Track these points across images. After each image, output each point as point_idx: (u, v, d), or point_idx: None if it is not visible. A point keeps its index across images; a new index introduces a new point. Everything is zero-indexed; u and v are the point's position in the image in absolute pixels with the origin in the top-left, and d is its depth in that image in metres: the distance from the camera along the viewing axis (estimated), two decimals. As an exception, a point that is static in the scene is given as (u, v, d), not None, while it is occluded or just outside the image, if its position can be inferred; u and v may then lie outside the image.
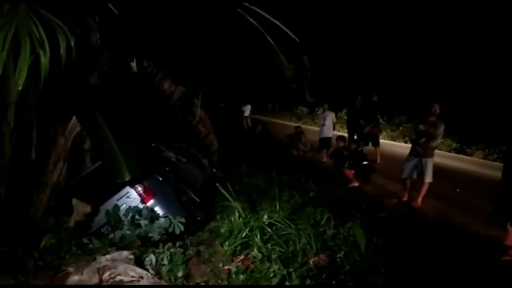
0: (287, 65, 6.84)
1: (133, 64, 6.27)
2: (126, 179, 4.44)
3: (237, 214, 3.75)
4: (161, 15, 6.92)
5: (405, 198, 7.56)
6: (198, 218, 6.52)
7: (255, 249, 3.27)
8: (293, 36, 6.58)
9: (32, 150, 6.20)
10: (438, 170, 8.05)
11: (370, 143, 11.62)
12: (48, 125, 6.28)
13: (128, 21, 5.84)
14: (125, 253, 3.00)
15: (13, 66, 4.38)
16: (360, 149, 9.85)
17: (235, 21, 6.96)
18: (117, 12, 3.84)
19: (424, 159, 7.13)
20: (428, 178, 7.14)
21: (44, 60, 3.04)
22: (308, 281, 2.87)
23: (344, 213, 5.45)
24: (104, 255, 3.20)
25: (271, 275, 2.91)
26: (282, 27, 6.58)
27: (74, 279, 2.72)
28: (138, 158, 4.44)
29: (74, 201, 4.84)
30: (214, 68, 9.79)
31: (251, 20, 6.58)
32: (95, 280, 2.63)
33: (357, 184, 8.86)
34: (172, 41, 8.05)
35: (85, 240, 4.15)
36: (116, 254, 2.96)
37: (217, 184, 5.31)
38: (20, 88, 3.16)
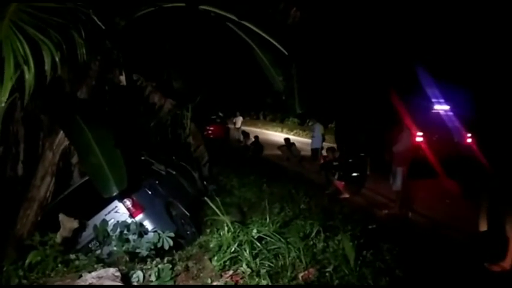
0: (277, 78, 6.88)
1: (122, 77, 6.25)
2: (114, 194, 4.38)
3: (226, 228, 3.72)
4: (151, 28, 6.96)
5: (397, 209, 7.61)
6: (188, 232, 6.47)
7: (244, 265, 3.24)
8: (282, 49, 6.65)
9: (18, 165, 6.14)
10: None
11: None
12: (36, 139, 6.22)
13: (117, 34, 5.86)
14: (111, 270, 2.95)
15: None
16: (349, 160, 9.90)
17: (225, 34, 7.03)
18: (103, 27, 3.83)
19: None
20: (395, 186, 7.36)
21: (29, 76, 3.02)
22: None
23: (334, 226, 5.45)
24: (90, 272, 3.13)
25: (260, 290, 2.89)
26: (271, 40, 6.65)
27: (58, 298, 2.66)
28: (126, 172, 4.39)
29: (61, 216, 4.76)
30: (205, 80, 9.84)
31: (241, 33, 6.65)
32: (79, 299, 2.59)
33: (347, 195, 8.89)
34: (162, 54, 8.09)
35: (72, 256, 4.07)
36: (101, 271, 2.90)
37: (205, 198, 5.25)
38: (2, 105, 3.11)
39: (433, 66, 12.28)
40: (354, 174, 9.18)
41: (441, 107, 12.55)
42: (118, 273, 2.93)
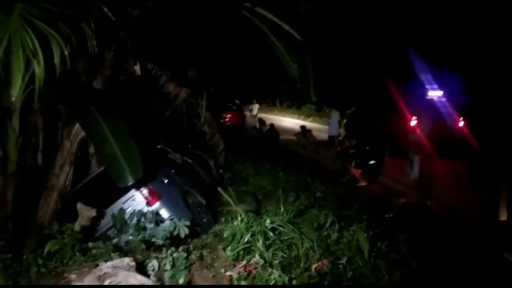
0: (292, 65, 6.80)
1: (137, 67, 6.27)
2: (129, 183, 4.45)
3: (239, 218, 3.72)
4: (165, 17, 6.93)
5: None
6: (204, 220, 6.53)
7: (257, 255, 3.24)
8: (296, 35, 6.54)
9: (38, 154, 6.28)
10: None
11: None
12: (54, 129, 6.34)
13: (130, 24, 5.85)
14: (127, 260, 2.99)
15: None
16: (366, 148, 9.74)
17: (239, 22, 6.95)
18: (113, 18, 3.81)
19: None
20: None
21: (38, 70, 3.04)
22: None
23: (350, 215, 5.40)
24: (106, 261, 3.19)
25: (272, 282, 2.88)
26: (285, 27, 6.54)
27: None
28: (141, 162, 4.43)
29: (79, 205, 4.86)
30: (220, 69, 9.79)
31: (255, 20, 6.56)
32: (95, 289, 2.64)
33: (364, 184, 8.78)
34: (176, 43, 8.07)
35: (90, 244, 4.16)
36: (117, 261, 2.95)
37: (218, 188, 5.27)
38: (13, 99, 3.15)
39: (426, 53, 12.22)
40: (371, 161, 9.04)
41: (435, 93, 12.70)
42: (133, 263, 2.98)
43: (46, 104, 6.23)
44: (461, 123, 12.39)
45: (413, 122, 11.33)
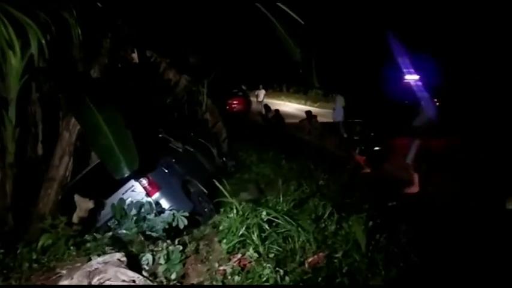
0: (295, 49, 6.64)
1: (135, 55, 6.16)
2: (125, 175, 4.38)
3: (235, 210, 3.65)
4: (163, 3, 6.77)
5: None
6: (206, 210, 6.48)
7: (251, 249, 3.17)
8: (298, 19, 6.36)
9: (37, 145, 6.25)
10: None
11: None
12: (55, 120, 6.29)
13: (126, 10, 5.72)
14: (118, 255, 2.94)
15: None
16: (371, 134, 9.57)
17: (241, 5, 6.77)
18: (100, 5, 3.69)
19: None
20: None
21: (15, 61, 2.95)
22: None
23: (352, 204, 5.30)
24: (99, 255, 3.14)
25: (264, 278, 2.81)
26: (287, 10, 6.37)
27: (64, 283, 2.68)
28: (137, 152, 4.35)
29: (76, 197, 4.83)
30: (222, 54, 9.62)
31: (257, 4, 6.39)
32: (84, 285, 2.59)
33: (368, 170, 8.65)
34: (176, 29, 7.91)
35: (87, 237, 4.13)
36: (107, 257, 2.90)
37: (214, 180, 5.20)
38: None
39: (404, 36, 12.04)
40: (376, 148, 8.89)
41: (411, 77, 12.60)
42: (124, 258, 2.92)
43: (44, 94, 6.18)
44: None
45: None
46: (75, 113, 4.62)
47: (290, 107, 28.21)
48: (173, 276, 3.11)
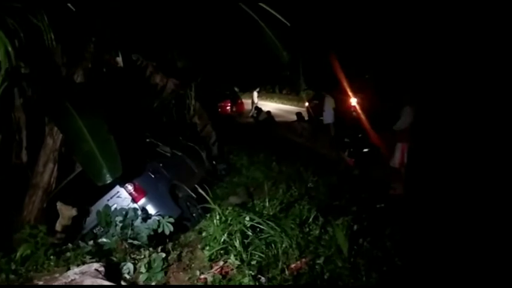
0: (282, 51, 6.63)
1: (119, 59, 6.08)
2: (108, 182, 4.32)
3: (218, 217, 3.59)
4: (149, 5, 6.70)
5: None
6: (194, 215, 6.41)
7: (232, 256, 3.12)
8: (284, 20, 6.35)
9: (22, 152, 6.15)
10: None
11: None
12: (38, 126, 6.19)
13: (112, 14, 5.64)
14: (95, 265, 2.88)
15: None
16: (360, 135, 9.57)
17: (228, 8, 6.72)
18: (74, 9, 3.62)
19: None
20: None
21: None
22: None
23: (339, 206, 5.27)
24: (78, 265, 3.08)
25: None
26: (273, 12, 6.35)
27: (40, 295, 2.62)
28: (120, 159, 4.29)
29: (59, 204, 4.75)
30: (209, 57, 9.56)
31: (244, 7, 6.36)
32: (60, 297, 2.54)
33: (358, 172, 8.63)
34: (163, 32, 7.83)
35: (69, 245, 4.06)
36: (85, 267, 2.84)
37: (196, 185, 5.15)
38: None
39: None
40: (365, 150, 8.89)
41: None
42: (102, 268, 2.87)
43: (28, 100, 6.09)
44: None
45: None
46: (56, 119, 4.55)
47: (283, 108, 28.19)
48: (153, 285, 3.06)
